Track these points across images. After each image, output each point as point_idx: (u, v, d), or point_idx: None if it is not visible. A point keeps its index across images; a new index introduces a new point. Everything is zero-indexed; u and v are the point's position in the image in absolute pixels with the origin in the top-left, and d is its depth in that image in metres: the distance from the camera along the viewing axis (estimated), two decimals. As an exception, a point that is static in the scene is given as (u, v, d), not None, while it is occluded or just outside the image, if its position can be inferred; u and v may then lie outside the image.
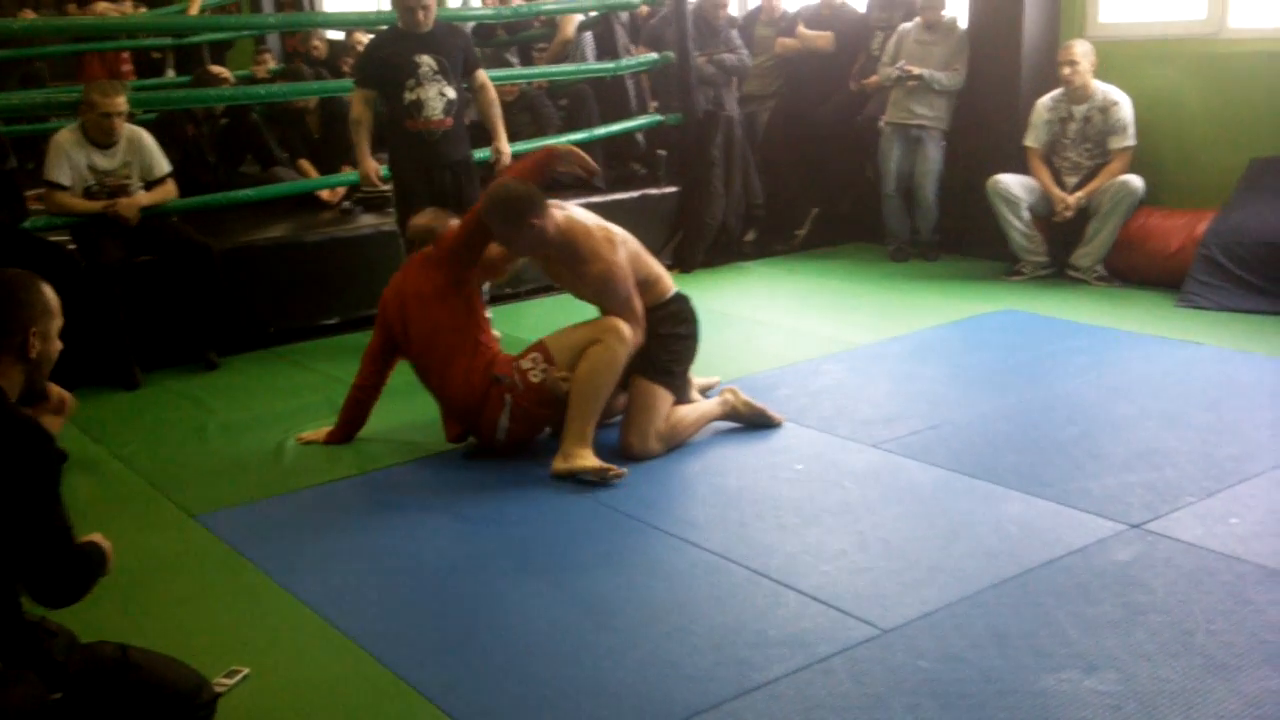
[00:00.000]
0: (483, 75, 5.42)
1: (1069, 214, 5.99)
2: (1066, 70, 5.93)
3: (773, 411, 4.19)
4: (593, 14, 7.33)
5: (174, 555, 3.41)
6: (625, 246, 3.99)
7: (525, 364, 3.92)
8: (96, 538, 2.42)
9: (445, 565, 3.25)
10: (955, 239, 6.79)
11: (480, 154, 5.53)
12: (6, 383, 2.26)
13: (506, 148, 5.47)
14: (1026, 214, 6.11)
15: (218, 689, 2.58)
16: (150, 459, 4.20)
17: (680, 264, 6.86)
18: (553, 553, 3.30)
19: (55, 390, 3.24)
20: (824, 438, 4.06)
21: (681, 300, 4.15)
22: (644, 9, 7.79)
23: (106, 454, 4.27)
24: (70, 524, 2.25)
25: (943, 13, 6.62)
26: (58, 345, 2.40)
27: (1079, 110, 5.99)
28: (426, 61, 5.11)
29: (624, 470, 3.74)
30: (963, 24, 6.66)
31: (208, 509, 3.71)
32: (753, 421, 4.18)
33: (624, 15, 7.59)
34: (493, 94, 5.46)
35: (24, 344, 2.30)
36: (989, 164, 6.31)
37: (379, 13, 7.95)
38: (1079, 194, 5.98)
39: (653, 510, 3.52)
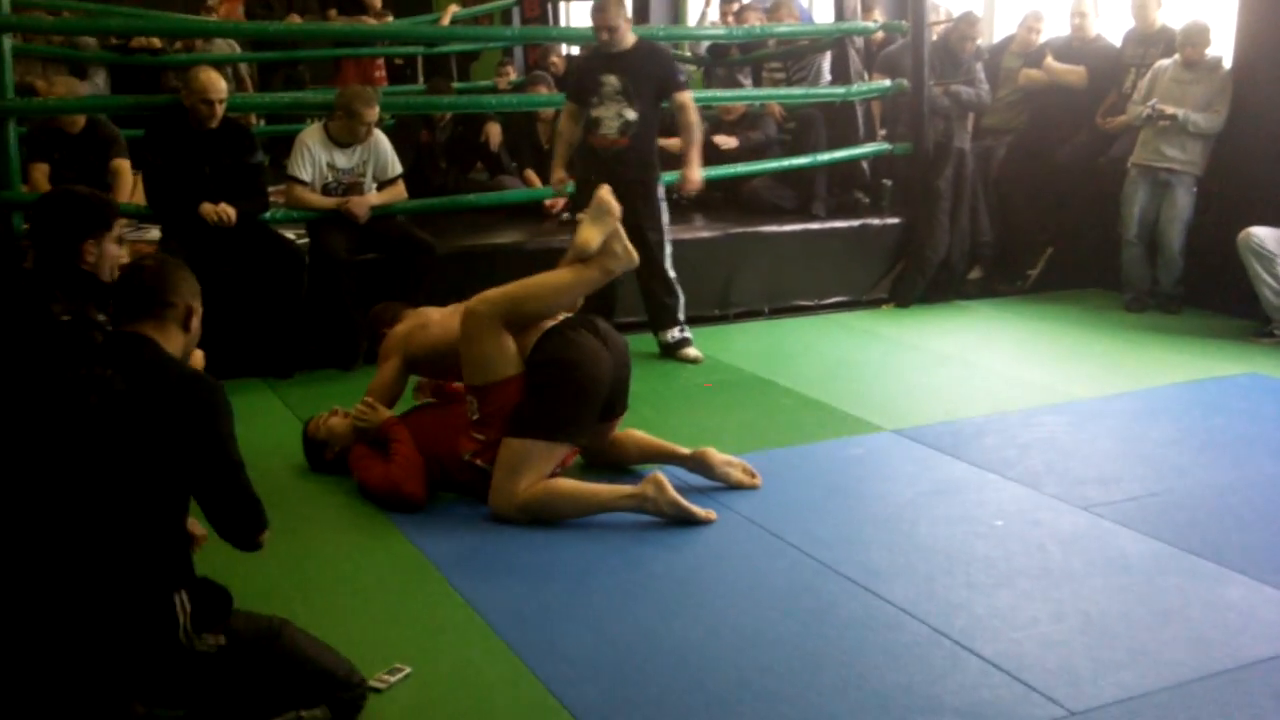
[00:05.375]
0: (682, 97, 5.37)
1: (1332, 274, 5.47)
2: None
3: (699, 509, 3.55)
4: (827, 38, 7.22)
5: (358, 548, 3.48)
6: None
7: (469, 407, 3.73)
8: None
9: (612, 586, 3.19)
10: (1200, 293, 6.30)
11: (669, 176, 5.52)
12: (172, 348, 2.43)
13: (696, 175, 5.43)
14: (1281, 271, 5.61)
15: (379, 685, 2.62)
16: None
17: (897, 298, 6.65)
18: (720, 585, 3.20)
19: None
20: (1029, 494, 3.80)
21: (550, 342, 3.65)
22: (879, 35, 7.61)
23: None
24: (243, 462, 2.41)
25: (1206, 50, 6.18)
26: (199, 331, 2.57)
27: (1353, 161, 5.47)
28: (611, 81, 5.26)
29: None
30: (1227, 63, 6.20)
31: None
32: (674, 518, 3.54)
33: (859, 41, 7.44)
34: (692, 117, 5.40)
35: (188, 316, 2.47)
36: (1244, 214, 5.83)
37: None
38: (1346, 253, 5.45)
39: (832, 551, 3.37)
